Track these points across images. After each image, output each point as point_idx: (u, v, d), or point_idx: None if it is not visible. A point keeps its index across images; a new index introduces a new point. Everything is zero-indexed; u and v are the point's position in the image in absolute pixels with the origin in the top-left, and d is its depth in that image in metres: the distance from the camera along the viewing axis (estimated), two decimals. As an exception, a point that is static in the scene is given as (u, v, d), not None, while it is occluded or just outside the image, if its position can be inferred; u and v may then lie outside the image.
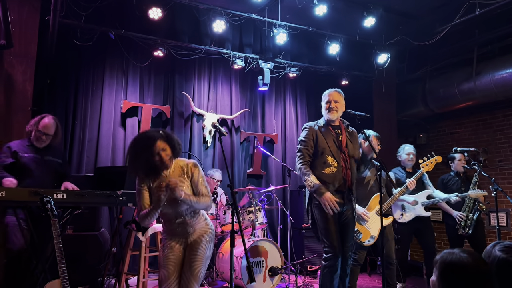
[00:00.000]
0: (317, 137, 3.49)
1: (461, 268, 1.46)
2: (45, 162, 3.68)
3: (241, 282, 4.57)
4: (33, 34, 4.75)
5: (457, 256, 1.49)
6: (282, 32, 5.91)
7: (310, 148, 3.47)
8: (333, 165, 3.41)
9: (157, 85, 6.19)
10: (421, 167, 4.39)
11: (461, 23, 5.91)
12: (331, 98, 3.56)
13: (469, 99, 6.55)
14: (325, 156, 3.42)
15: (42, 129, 3.63)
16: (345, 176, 3.43)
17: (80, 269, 4.14)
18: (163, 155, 2.58)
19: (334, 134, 3.52)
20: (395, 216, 4.66)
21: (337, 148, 3.47)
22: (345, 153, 3.48)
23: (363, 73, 7.10)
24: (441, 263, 1.51)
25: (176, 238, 2.78)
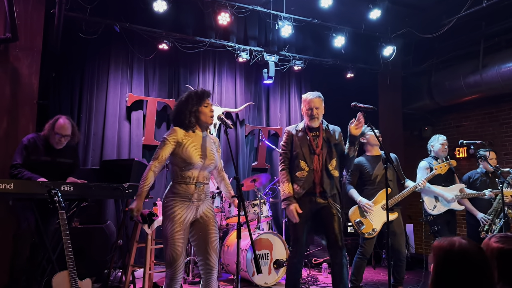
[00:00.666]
0: (292, 142, 3.64)
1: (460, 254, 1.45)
2: (56, 164, 3.68)
3: (246, 274, 4.60)
4: (38, 27, 4.75)
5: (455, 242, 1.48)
6: (287, 24, 5.89)
7: (288, 152, 3.65)
8: (304, 169, 3.54)
9: (162, 78, 6.19)
10: (434, 168, 4.33)
11: (468, 15, 5.85)
12: (312, 105, 3.59)
13: (475, 92, 6.51)
14: (298, 160, 3.57)
15: (58, 130, 3.61)
16: (315, 180, 3.52)
17: (87, 261, 4.18)
18: (213, 110, 2.90)
19: (310, 137, 3.61)
20: (428, 207, 4.51)
21: (311, 152, 3.57)
22: (319, 156, 3.56)
23: (369, 66, 7.06)
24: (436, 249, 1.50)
25: (186, 205, 2.74)
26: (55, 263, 3.18)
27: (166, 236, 2.68)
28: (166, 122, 6.19)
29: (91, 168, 5.14)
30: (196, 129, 2.88)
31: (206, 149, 2.84)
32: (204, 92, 2.89)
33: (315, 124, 3.61)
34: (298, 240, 3.52)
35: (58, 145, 3.65)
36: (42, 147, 3.62)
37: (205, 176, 2.84)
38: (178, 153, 2.74)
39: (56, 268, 3.11)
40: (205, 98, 2.87)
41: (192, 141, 2.80)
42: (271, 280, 4.73)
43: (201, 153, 2.80)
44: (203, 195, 2.82)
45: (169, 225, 2.67)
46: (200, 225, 2.80)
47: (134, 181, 4.01)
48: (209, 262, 2.78)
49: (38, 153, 3.58)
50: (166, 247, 2.68)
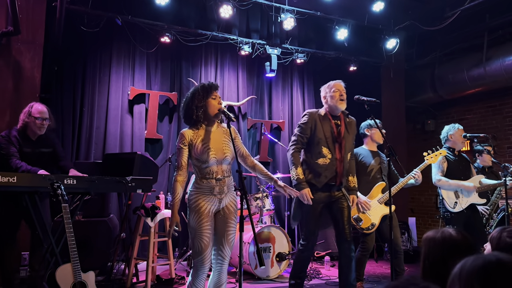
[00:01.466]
0: (315, 126, 3.49)
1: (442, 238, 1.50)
2: (37, 155, 3.69)
3: (248, 267, 4.61)
4: (40, 21, 4.75)
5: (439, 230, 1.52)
6: (290, 17, 5.85)
7: (305, 137, 3.49)
8: (327, 156, 3.44)
9: (164, 71, 6.17)
10: (425, 159, 4.22)
11: (472, 7, 5.82)
12: (340, 88, 3.54)
13: (479, 85, 6.48)
14: (320, 146, 3.44)
15: (39, 115, 3.61)
16: (337, 169, 3.46)
17: (90, 254, 4.20)
18: (222, 103, 2.87)
19: (333, 124, 3.52)
20: (448, 204, 4.27)
21: (333, 139, 3.48)
22: (341, 145, 3.50)
23: (372, 59, 7.03)
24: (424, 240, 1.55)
25: (209, 198, 2.76)
26: (59, 256, 3.19)
27: (194, 227, 2.73)
28: (168, 116, 6.18)
29: (93, 162, 5.14)
30: (205, 124, 2.86)
31: (218, 143, 2.83)
32: (211, 86, 2.88)
33: (343, 106, 3.52)
34: (314, 234, 3.48)
35: (41, 129, 3.65)
36: (22, 139, 3.62)
37: (225, 170, 2.83)
38: (192, 154, 2.79)
39: (59, 261, 3.12)
40: (212, 90, 2.86)
41: (202, 139, 2.80)
42: (274, 273, 4.74)
43: (213, 149, 2.79)
44: (225, 188, 2.83)
45: (196, 216, 2.72)
46: (220, 217, 2.84)
47: (137, 174, 4.01)
48: (222, 254, 2.81)
49: (21, 145, 3.59)
50: (193, 238, 2.73)
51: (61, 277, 2.80)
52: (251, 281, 4.62)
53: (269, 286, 4.51)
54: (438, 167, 4.33)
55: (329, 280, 4.76)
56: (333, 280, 4.75)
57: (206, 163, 2.75)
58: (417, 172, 4.13)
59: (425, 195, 7.77)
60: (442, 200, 4.30)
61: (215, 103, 2.84)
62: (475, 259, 1.07)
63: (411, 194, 7.85)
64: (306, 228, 3.50)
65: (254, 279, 4.66)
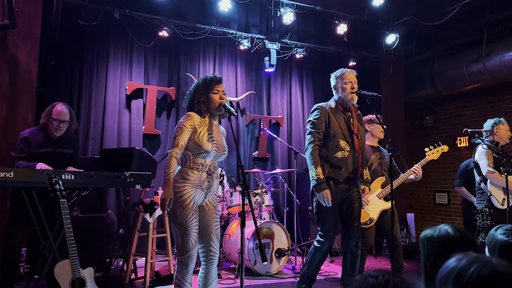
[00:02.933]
0: (329, 119, 3.38)
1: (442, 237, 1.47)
2: (56, 155, 3.61)
3: (248, 263, 4.59)
4: (36, 14, 4.68)
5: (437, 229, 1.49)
6: (289, 11, 5.81)
7: (321, 132, 3.36)
8: (345, 148, 3.35)
9: (162, 66, 6.12)
10: (426, 154, 4.17)
11: (471, 2, 5.80)
12: (352, 78, 3.43)
13: (478, 80, 6.47)
14: (337, 139, 3.34)
15: (57, 116, 3.52)
16: (357, 160, 3.39)
17: (88, 250, 4.16)
18: (224, 97, 2.83)
19: (346, 116, 3.44)
20: (498, 201, 4.08)
21: (349, 131, 3.40)
22: (358, 136, 3.42)
23: (371, 54, 6.99)
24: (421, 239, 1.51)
25: (196, 191, 2.72)
26: (57, 252, 3.16)
27: (180, 222, 2.64)
28: (166, 111, 6.14)
29: (91, 157, 5.10)
30: (209, 116, 2.84)
31: (219, 138, 2.86)
32: (211, 79, 2.84)
33: (354, 100, 3.43)
34: (333, 231, 3.37)
35: (57, 131, 3.57)
36: (42, 139, 3.55)
37: (216, 166, 2.84)
38: (193, 139, 2.71)
39: (57, 257, 3.08)
40: (213, 84, 2.82)
41: (208, 129, 2.78)
42: (273, 269, 4.72)
43: (216, 142, 2.79)
44: (212, 183, 2.81)
45: (183, 211, 2.64)
46: (204, 212, 2.80)
47: (135, 170, 3.97)
48: (212, 249, 2.78)
49: (38, 145, 3.52)
50: (182, 234, 2.63)
51: (59, 273, 2.76)
52: (250, 277, 4.60)
53: (269, 282, 4.49)
54: (486, 158, 4.11)
55: (329, 276, 4.74)
56: (332, 276, 4.74)
57: (205, 153, 2.71)
58: (418, 167, 4.09)
59: (423, 191, 7.77)
60: (490, 196, 4.08)
61: (216, 98, 2.81)
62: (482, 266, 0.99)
63: (409, 190, 7.84)
64: (326, 225, 3.35)
65: (254, 275, 4.64)
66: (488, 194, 4.09)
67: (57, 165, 3.45)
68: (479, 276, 0.96)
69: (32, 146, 3.48)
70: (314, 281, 3.51)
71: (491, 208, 4.06)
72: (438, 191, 7.53)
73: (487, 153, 4.13)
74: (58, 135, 3.60)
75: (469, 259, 1.01)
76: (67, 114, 3.58)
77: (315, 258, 3.41)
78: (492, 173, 4.03)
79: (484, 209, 4.09)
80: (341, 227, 3.53)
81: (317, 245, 3.39)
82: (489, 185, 4.11)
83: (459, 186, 5.08)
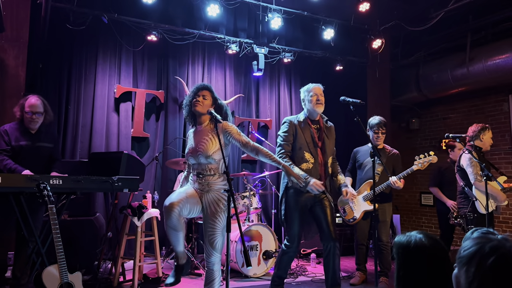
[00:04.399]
0: (296, 132, 3.58)
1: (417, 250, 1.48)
2: (36, 149, 3.63)
3: (236, 265, 4.65)
4: (24, 18, 4.69)
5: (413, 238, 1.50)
6: (277, 16, 5.89)
7: (289, 143, 3.56)
8: (309, 161, 3.53)
9: (151, 70, 6.15)
10: (415, 163, 4.19)
11: (456, 8, 5.92)
12: (318, 92, 3.63)
13: (462, 84, 6.60)
14: (302, 151, 3.53)
15: (29, 109, 3.54)
16: (321, 172, 3.56)
17: (76, 253, 4.17)
18: (200, 100, 2.97)
19: (313, 129, 3.62)
20: (482, 206, 4.09)
21: (314, 144, 3.58)
22: (322, 149, 3.60)
23: (358, 58, 7.10)
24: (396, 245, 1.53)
25: (195, 187, 2.98)
26: (45, 257, 3.18)
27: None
28: (155, 114, 6.17)
29: (79, 161, 5.11)
30: (196, 123, 3.10)
31: (197, 140, 2.97)
32: (197, 87, 3.07)
33: (321, 109, 3.62)
34: (299, 236, 3.54)
35: (32, 124, 3.58)
36: (20, 132, 3.58)
37: (204, 168, 2.93)
38: None
39: (45, 261, 3.11)
40: (197, 92, 3.03)
41: (190, 138, 3.07)
42: (261, 271, 4.78)
43: (191, 146, 2.98)
44: (206, 186, 2.91)
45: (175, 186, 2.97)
46: (204, 216, 2.96)
47: (123, 174, 4.00)
48: (206, 251, 2.91)
49: (17, 138, 3.55)
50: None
51: (47, 278, 2.79)
52: (238, 279, 4.66)
53: (256, 284, 4.55)
54: (474, 165, 4.14)
55: (315, 277, 4.82)
56: (319, 277, 4.81)
57: (188, 159, 3.02)
58: (396, 181, 4.15)
59: (409, 192, 7.89)
60: (475, 201, 4.14)
61: (192, 101, 3.03)
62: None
63: (396, 191, 7.93)
64: (292, 230, 3.53)
65: (241, 277, 4.70)
66: (472, 199, 4.18)
67: (37, 159, 3.49)
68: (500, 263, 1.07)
69: (12, 139, 3.52)
70: (285, 277, 3.76)
71: (474, 213, 4.14)
72: (424, 192, 7.66)
73: (472, 161, 4.17)
74: (34, 127, 3.62)
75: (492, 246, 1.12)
76: (40, 105, 3.60)
77: (283, 261, 3.61)
78: (480, 181, 4.09)
79: (468, 214, 4.18)
80: (317, 231, 3.68)
81: (284, 249, 3.59)
82: (474, 190, 4.17)
83: (433, 186, 5.25)
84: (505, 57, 5.84)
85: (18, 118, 3.62)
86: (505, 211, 6.37)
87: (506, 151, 6.48)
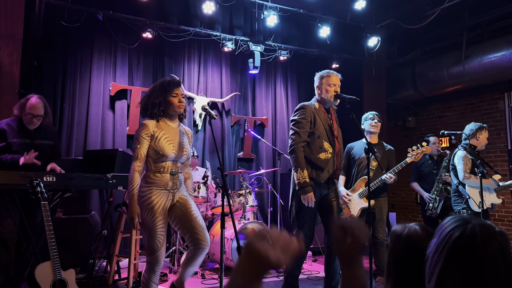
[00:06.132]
0: (315, 119, 3.38)
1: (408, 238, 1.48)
2: (36, 147, 3.53)
3: (231, 263, 4.64)
4: (19, 15, 4.65)
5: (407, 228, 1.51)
6: (273, 14, 5.87)
7: (306, 132, 3.34)
8: (328, 150, 3.37)
9: (146, 67, 6.13)
10: (408, 155, 4.18)
11: (451, 6, 5.92)
12: (337, 82, 3.46)
13: (458, 82, 6.61)
14: (321, 140, 3.35)
15: (30, 111, 3.45)
16: (337, 163, 3.46)
17: (71, 251, 4.17)
18: (183, 101, 2.83)
19: (327, 118, 3.48)
20: (476, 204, 4.11)
21: (331, 133, 3.44)
22: (338, 139, 3.47)
23: (354, 56, 7.09)
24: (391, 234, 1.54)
25: (162, 193, 2.76)
26: (39, 254, 3.16)
27: (147, 226, 2.71)
28: (151, 112, 6.14)
29: (74, 158, 5.09)
30: (166, 120, 2.86)
31: (179, 141, 2.86)
32: (170, 82, 2.84)
33: (336, 102, 3.47)
34: (311, 238, 3.47)
35: (30, 125, 3.50)
36: (19, 129, 3.50)
37: (179, 167, 2.87)
38: (152, 146, 2.76)
39: (39, 259, 3.09)
40: (171, 87, 2.82)
41: (165, 133, 2.80)
42: (256, 269, 4.76)
43: (174, 145, 2.82)
44: (178, 183, 2.84)
45: (149, 215, 2.70)
46: (177, 208, 2.83)
47: (118, 171, 3.99)
48: (198, 236, 2.77)
49: (15, 135, 3.47)
50: (148, 237, 2.72)
51: (40, 275, 2.78)
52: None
53: (252, 281, 4.53)
54: (464, 163, 4.19)
55: (311, 275, 4.81)
56: (314, 275, 4.81)
57: (164, 157, 2.75)
58: (390, 176, 4.14)
59: (405, 190, 7.90)
60: (468, 199, 4.17)
61: (175, 101, 2.82)
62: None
63: (392, 189, 7.97)
64: (305, 232, 3.39)
65: (237, 275, 4.68)
66: (466, 197, 4.19)
67: (38, 157, 3.42)
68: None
69: (9, 136, 3.43)
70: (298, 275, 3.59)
71: (468, 211, 4.16)
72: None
73: (465, 157, 4.22)
74: (31, 128, 3.54)
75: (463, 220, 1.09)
76: (41, 108, 3.51)
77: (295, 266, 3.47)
78: (468, 178, 4.14)
79: (462, 211, 4.21)
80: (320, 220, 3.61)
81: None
82: (467, 188, 4.18)
83: (412, 181, 5.43)
84: (500, 55, 5.85)
85: (16, 115, 3.54)
86: (501, 208, 6.39)
87: (501, 149, 6.49)
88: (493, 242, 1.01)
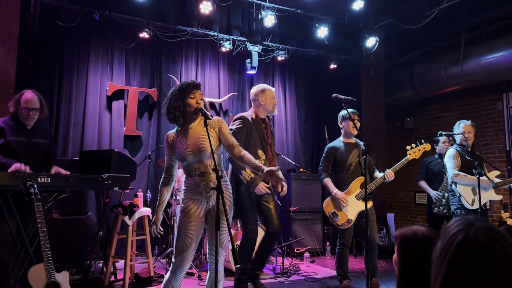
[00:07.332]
0: (251, 130, 3.69)
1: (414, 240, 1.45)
2: (33, 145, 3.52)
3: (229, 264, 4.61)
4: (14, 15, 4.62)
5: (412, 229, 1.49)
6: (271, 14, 5.85)
7: (242, 140, 3.57)
8: (261, 158, 3.68)
9: (143, 67, 6.10)
10: (408, 153, 4.14)
11: (450, 7, 5.90)
12: (274, 95, 3.90)
13: (456, 83, 6.59)
14: (256, 148, 3.66)
15: (25, 105, 3.40)
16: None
17: (67, 252, 4.14)
18: (200, 103, 2.83)
19: (262, 127, 3.80)
20: (468, 202, 4.13)
21: (265, 142, 3.75)
22: (271, 147, 3.79)
23: (352, 57, 7.07)
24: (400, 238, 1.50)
25: (197, 197, 2.77)
26: (33, 256, 3.13)
27: (179, 227, 2.76)
28: (148, 112, 6.12)
29: (70, 159, 5.06)
30: (185, 122, 2.87)
31: (194, 140, 2.80)
32: (188, 85, 2.84)
33: (276, 112, 3.89)
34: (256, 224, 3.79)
35: (28, 120, 3.46)
36: (16, 128, 3.45)
37: (207, 165, 2.79)
38: (174, 154, 2.86)
39: (33, 260, 3.06)
40: (190, 90, 2.82)
41: (181, 138, 2.82)
42: (253, 270, 4.74)
43: (190, 146, 2.77)
44: (210, 183, 2.78)
45: (183, 217, 2.76)
46: (210, 218, 2.80)
47: (114, 172, 3.96)
48: (212, 256, 2.79)
49: (13, 134, 3.43)
50: (177, 237, 2.75)
51: (33, 277, 2.75)
52: (231, 278, 4.61)
53: (248, 283, 4.51)
54: (452, 161, 4.22)
55: (308, 276, 4.80)
56: (312, 276, 4.80)
57: (185, 161, 2.80)
58: (389, 172, 4.05)
59: (403, 191, 7.89)
60: (459, 196, 4.18)
61: (192, 102, 2.82)
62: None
63: (390, 190, 7.96)
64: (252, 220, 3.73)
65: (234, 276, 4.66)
66: (458, 196, 4.20)
67: (34, 155, 3.39)
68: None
69: (7, 135, 3.39)
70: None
71: (462, 210, 4.16)
72: (418, 191, 7.65)
73: (455, 156, 4.24)
74: (30, 123, 3.50)
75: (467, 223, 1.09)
76: (36, 101, 3.46)
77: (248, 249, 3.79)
78: (456, 176, 4.16)
79: (456, 211, 4.21)
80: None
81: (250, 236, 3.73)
82: (458, 186, 4.20)
83: (420, 180, 5.43)
84: (499, 55, 5.84)
85: (12, 113, 3.49)
86: (500, 210, 6.36)
87: (500, 150, 6.48)
88: (497, 246, 1.00)
